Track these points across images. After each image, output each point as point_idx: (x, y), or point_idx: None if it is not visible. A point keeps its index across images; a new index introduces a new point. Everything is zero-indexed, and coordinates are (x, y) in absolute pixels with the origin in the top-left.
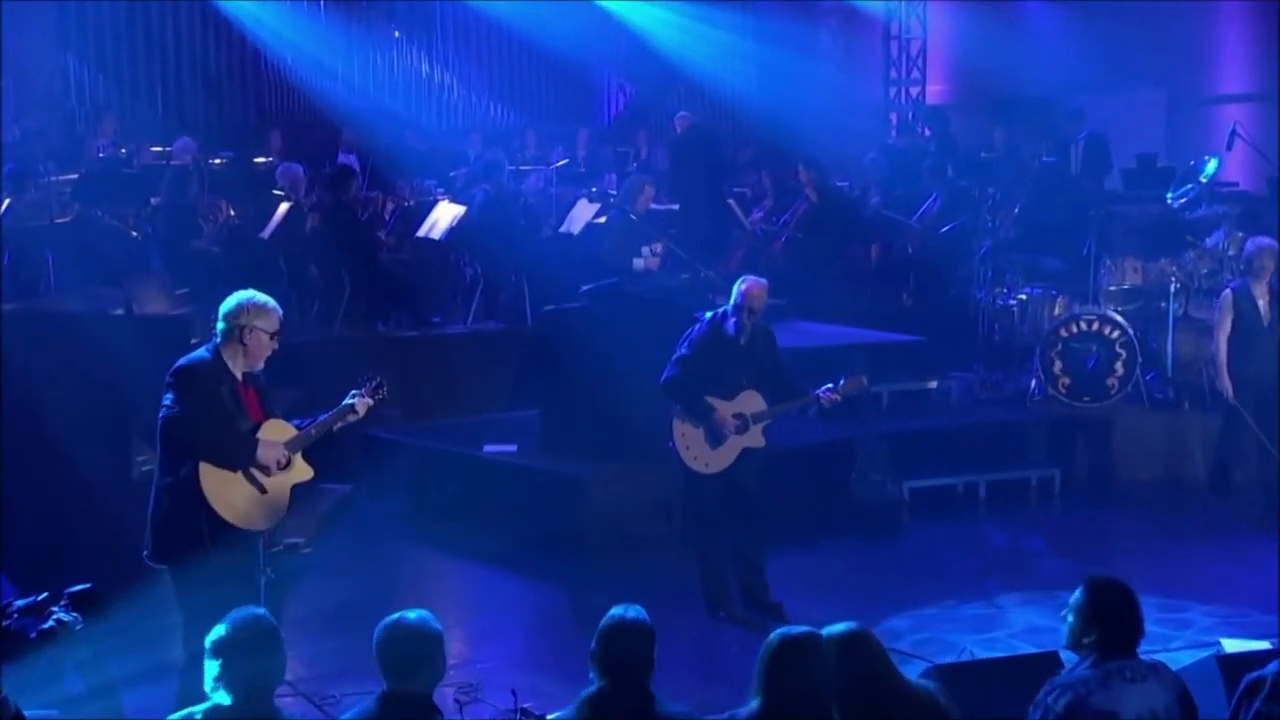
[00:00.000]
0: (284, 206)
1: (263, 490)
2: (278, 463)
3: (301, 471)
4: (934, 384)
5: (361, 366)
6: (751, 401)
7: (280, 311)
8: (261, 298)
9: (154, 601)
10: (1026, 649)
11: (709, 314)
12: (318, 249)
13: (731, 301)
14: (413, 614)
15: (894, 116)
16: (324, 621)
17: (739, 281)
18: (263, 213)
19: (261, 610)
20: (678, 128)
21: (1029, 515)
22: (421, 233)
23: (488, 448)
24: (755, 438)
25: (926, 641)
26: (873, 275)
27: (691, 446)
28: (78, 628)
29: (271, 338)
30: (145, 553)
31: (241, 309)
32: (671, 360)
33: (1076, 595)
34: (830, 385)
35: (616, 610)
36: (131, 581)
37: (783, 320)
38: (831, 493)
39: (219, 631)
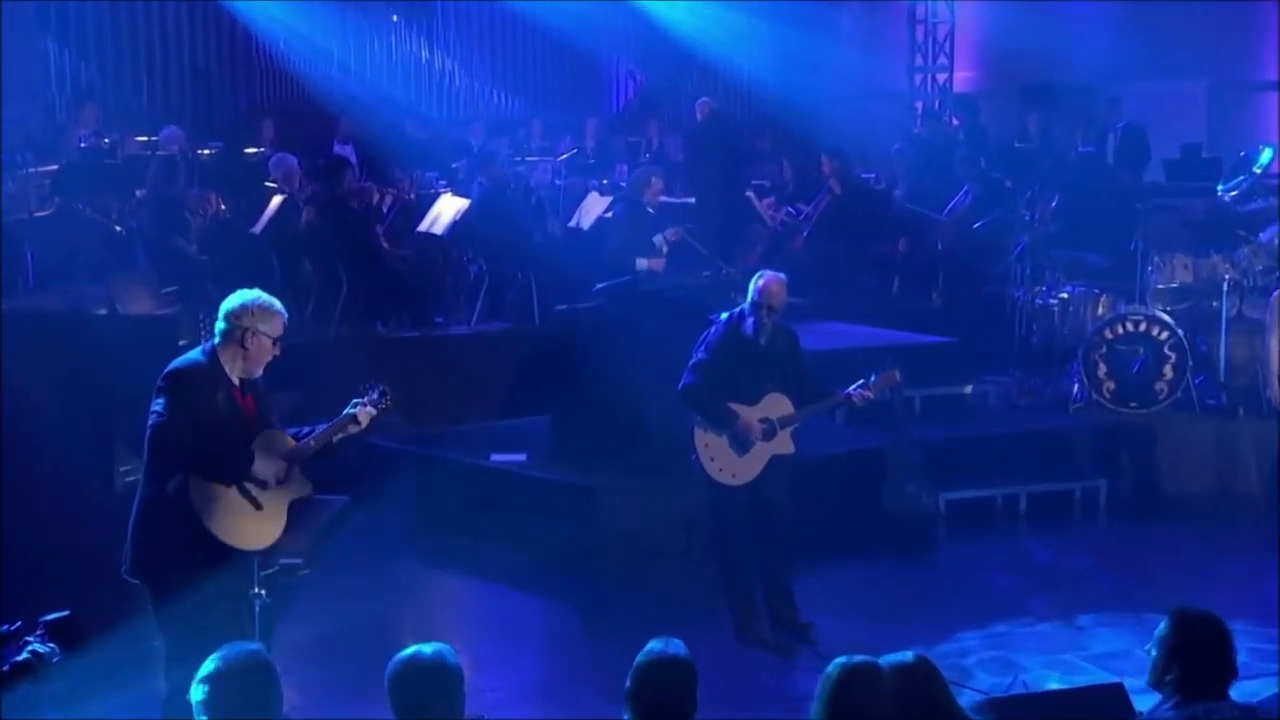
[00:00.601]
0: (277, 200)
1: (258, 506)
2: (275, 477)
3: (300, 487)
4: (969, 389)
5: (359, 369)
6: (777, 405)
7: (286, 315)
8: (267, 298)
9: (137, 627)
10: (1101, 675)
11: (725, 315)
12: (313, 245)
13: (749, 299)
14: (428, 648)
15: (919, 105)
16: (319, 645)
17: (755, 277)
18: (254, 206)
19: (256, 646)
20: (698, 114)
21: (1073, 530)
22: (423, 227)
23: (495, 457)
24: (784, 444)
25: (992, 661)
26: (900, 273)
27: (716, 457)
28: (55, 660)
29: (274, 343)
30: (123, 567)
31: (245, 309)
32: (689, 366)
33: (1161, 627)
34: (861, 382)
35: (655, 645)
36: (113, 604)
37: (804, 320)
38: (862, 505)
39: (208, 669)
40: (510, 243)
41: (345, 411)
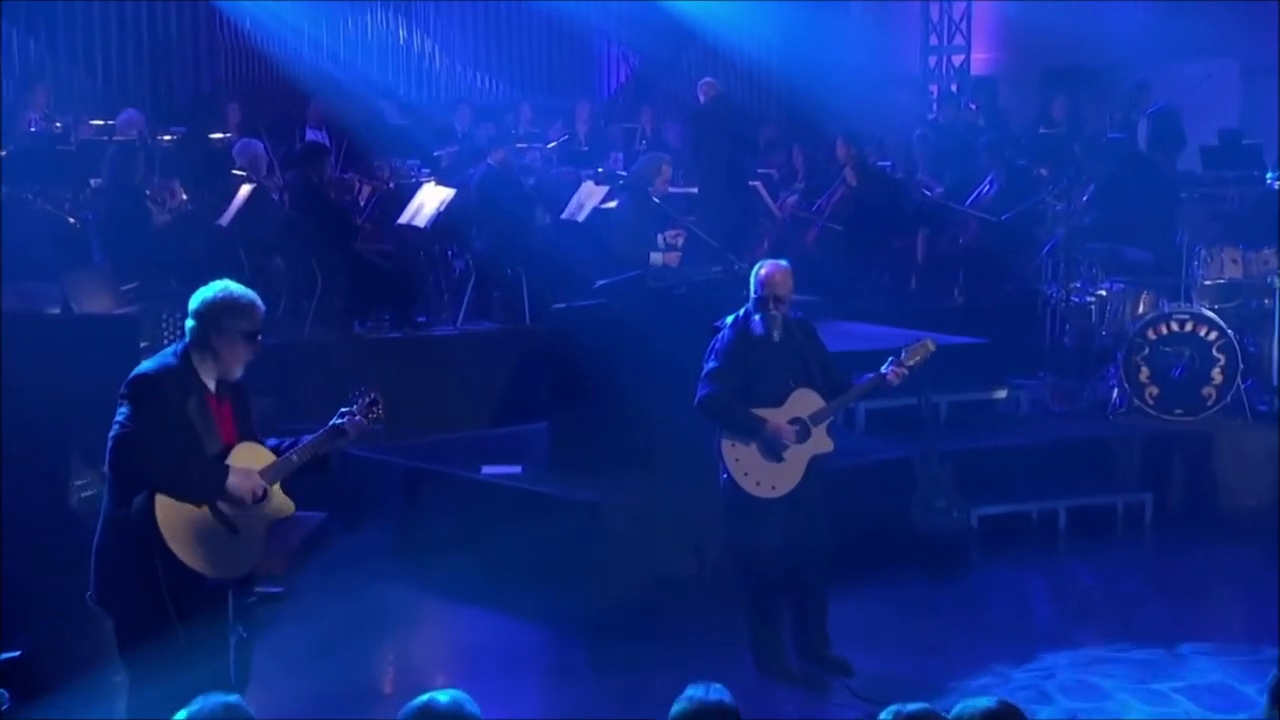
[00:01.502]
0: (245, 189)
1: (233, 528)
2: (253, 495)
3: (280, 506)
4: (1002, 394)
5: (335, 374)
6: (806, 402)
7: (261, 307)
8: (237, 289)
9: (94, 660)
10: (1193, 709)
11: (729, 318)
12: (285, 238)
13: (752, 295)
14: (444, 696)
15: (934, 88)
16: (295, 677)
17: (756, 268)
18: (220, 196)
19: (234, 699)
20: (701, 96)
21: (1117, 549)
22: (404, 220)
23: (486, 469)
24: (821, 441)
25: (1076, 685)
26: (919, 269)
27: (751, 470)
28: (4, 707)
29: (249, 340)
30: (89, 593)
31: (211, 303)
32: (702, 377)
33: (1272, 679)
34: (892, 359)
35: (695, 691)
36: (67, 632)
37: (817, 319)
38: (887, 522)
39: None
40: (500, 236)
41: (331, 422)
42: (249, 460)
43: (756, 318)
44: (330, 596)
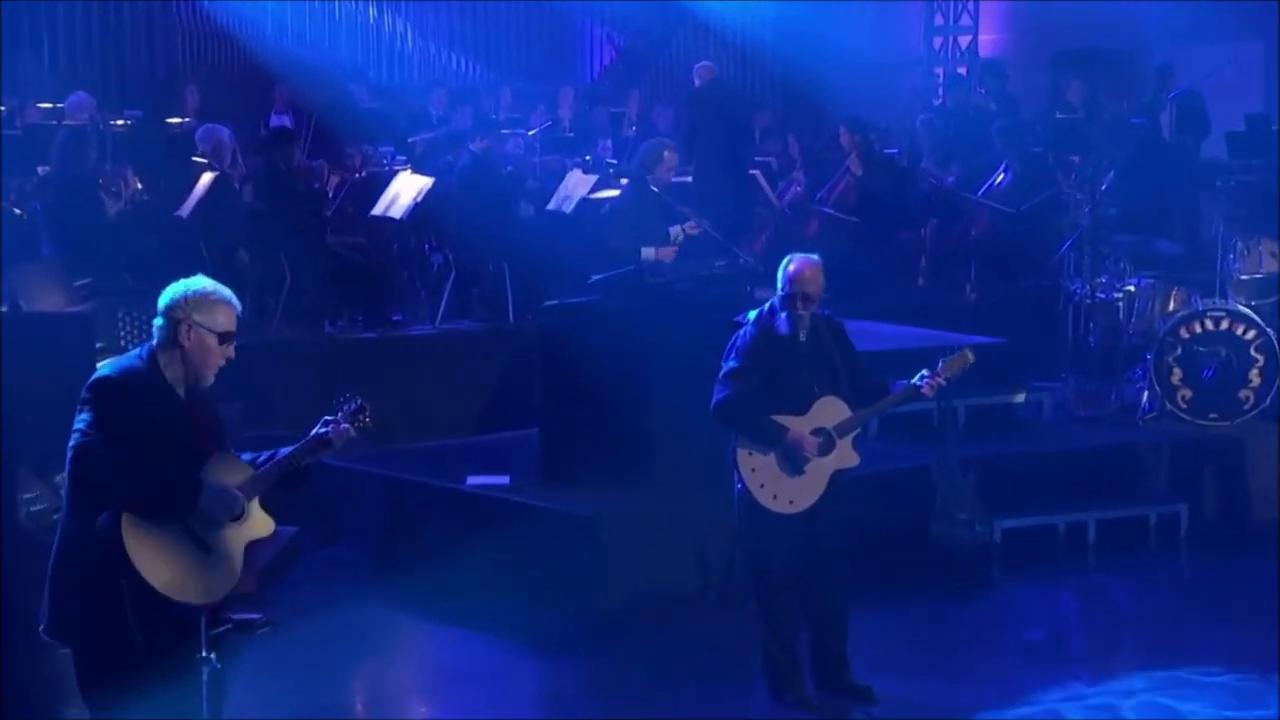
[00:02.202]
0: (207, 177)
1: (207, 549)
2: (229, 511)
3: (259, 525)
4: (1022, 397)
5: (304, 376)
6: (831, 411)
7: (237, 306)
8: (210, 285)
9: (50, 696)
10: None
11: (752, 314)
12: (250, 230)
13: (778, 291)
14: None
15: (940, 71)
16: (271, 709)
17: (785, 263)
18: (179, 185)
19: None
20: (697, 79)
21: (1150, 564)
22: (378, 211)
23: (472, 479)
24: (846, 455)
25: (1146, 705)
26: (927, 263)
27: (767, 483)
28: None
29: (222, 341)
30: (41, 625)
31: (180, 300)
32: (720, 379)
33: None
34: (926, 371)
35: None
36: (16, 665)
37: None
38: (905, 536)
39: None
40: (481, 229)
41: (314, 431)
42: (224, 473)
43: (782, 316)
44: (305, 618)
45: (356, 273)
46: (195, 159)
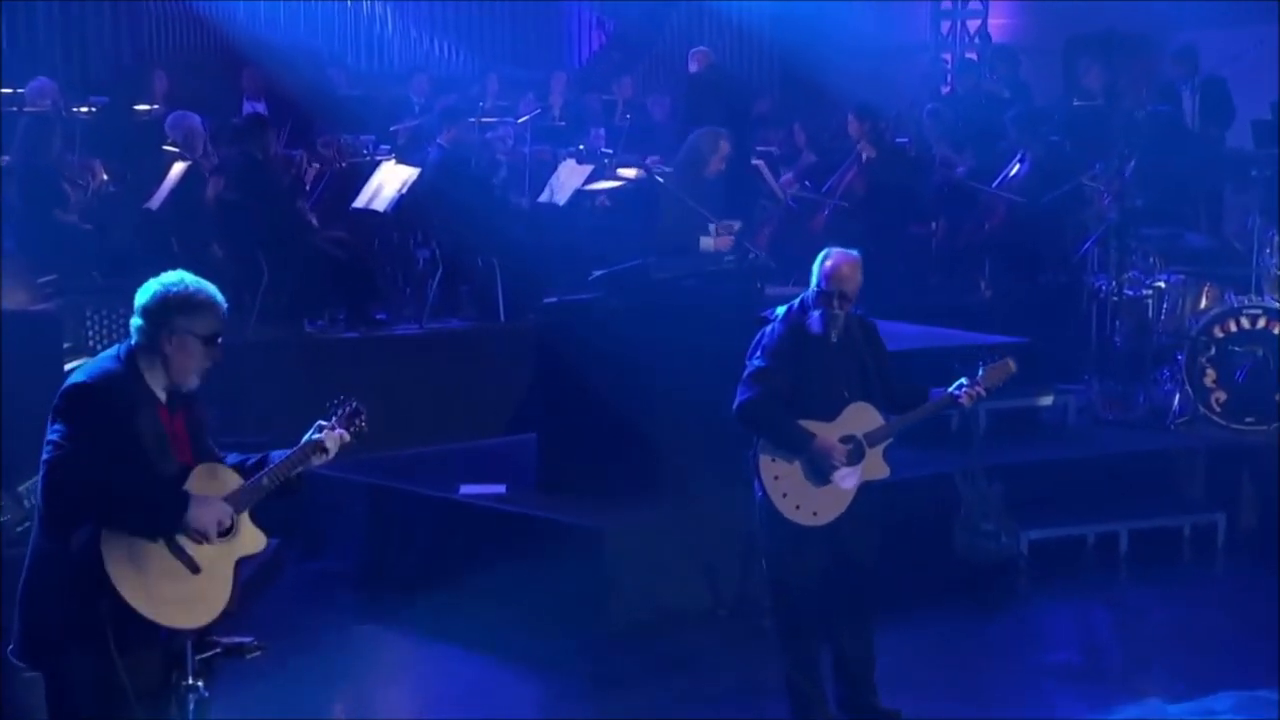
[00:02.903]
0: (179, 167)
1: (194, 568)
2: (217, 526)
3: (249, 540)
4: (1048, 400)
5: (283, 378)
6: (862, 418)
7: (223, 305)
8: (194, 284)
9: None
10: None
11: (780, 310)
12: (225, 223)
13: (812, 286)
14: None
15: (948, 57)
16: None
17: (821, 258)
18: (147, 176)
19: None
20: (692, 65)
21: (1186, 577)
22: (360, 203)
23: (465, 488)
24: (876, 466)
25: None
26: (938, 258)
27: (790, 492)
28: None
29: (208, 344)
30: (10, 647)
31: (162, 300)
32: (744, 378)
33: None
34: (965, 381)
35: None
36: None
37: None
38: (927, 548)
39: None
40: (470, 222)
41: (307, 437)
42: (211, 485)
43: (815, 314)
44: (286, 638)
45: (338, 269)
46: (165, 148)
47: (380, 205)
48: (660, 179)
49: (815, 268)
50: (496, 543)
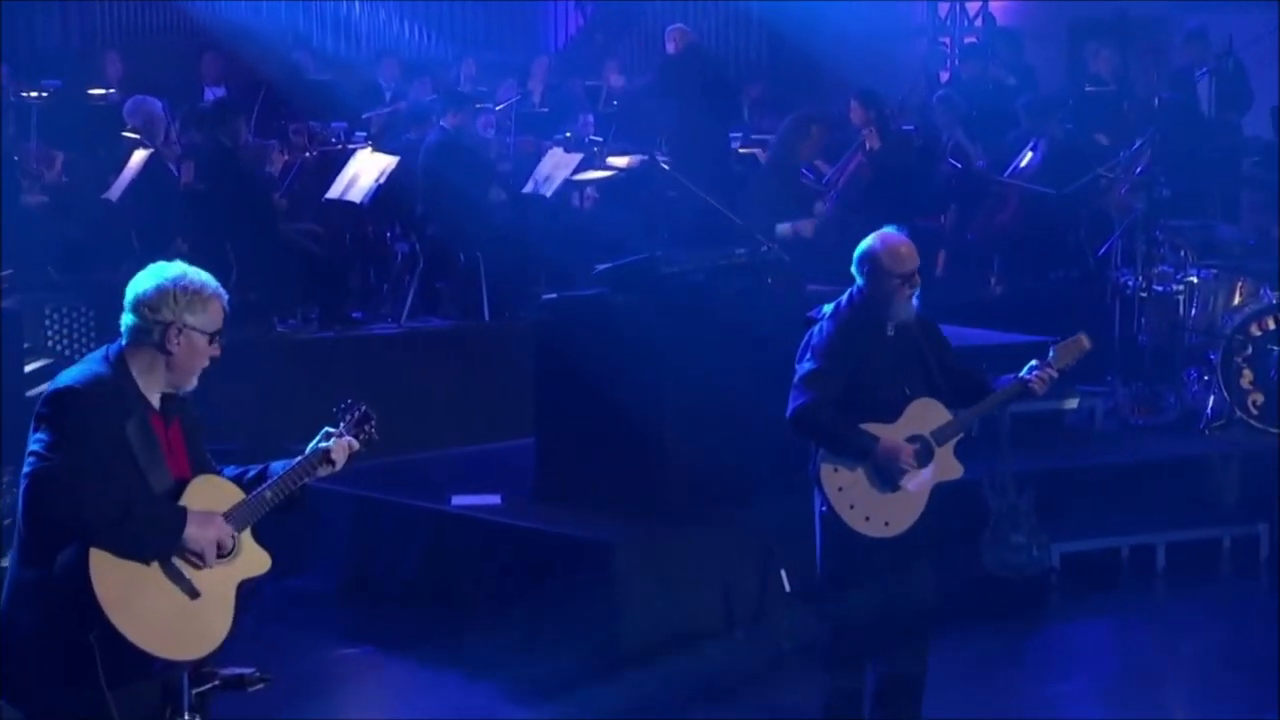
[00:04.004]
0: (139, 155)
1: (193, 593)
2: (217, 546)
3: (252, 561)
4: (1074, 403)
5: (253, 381)
6: (927, 414)
7: (225, 296)
8: (194, 277)
9: None
10: None
11: (827, 308)
12: (190, 216)
13: (859, 276)
14: None
15: (947, 41)
16: None
17: (870, 241)
18: (105, 165)
19: None
20: (669, 45)
21: (1229, 591)
22: (334, 194)
23: (457, 499)
24: (948, 466)
25: None
26: (947, 252)
27: (858, 503)
28: None
29: (211, 340)
30: None
31: (166, 295)
32: (796, 383)
33: None
34: (1036, 363)
35: None
36: None
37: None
38: (954, 561)
39: None
40: (452, 214)
41: (313, 445)
42: (210, 500)
43: (899, 302)
44: (272, 659)
45: (311, 264)
46: (126, 134)
47: (356, 196)
48: (665, 166)
49: (863, 253)
50: (494, 558)
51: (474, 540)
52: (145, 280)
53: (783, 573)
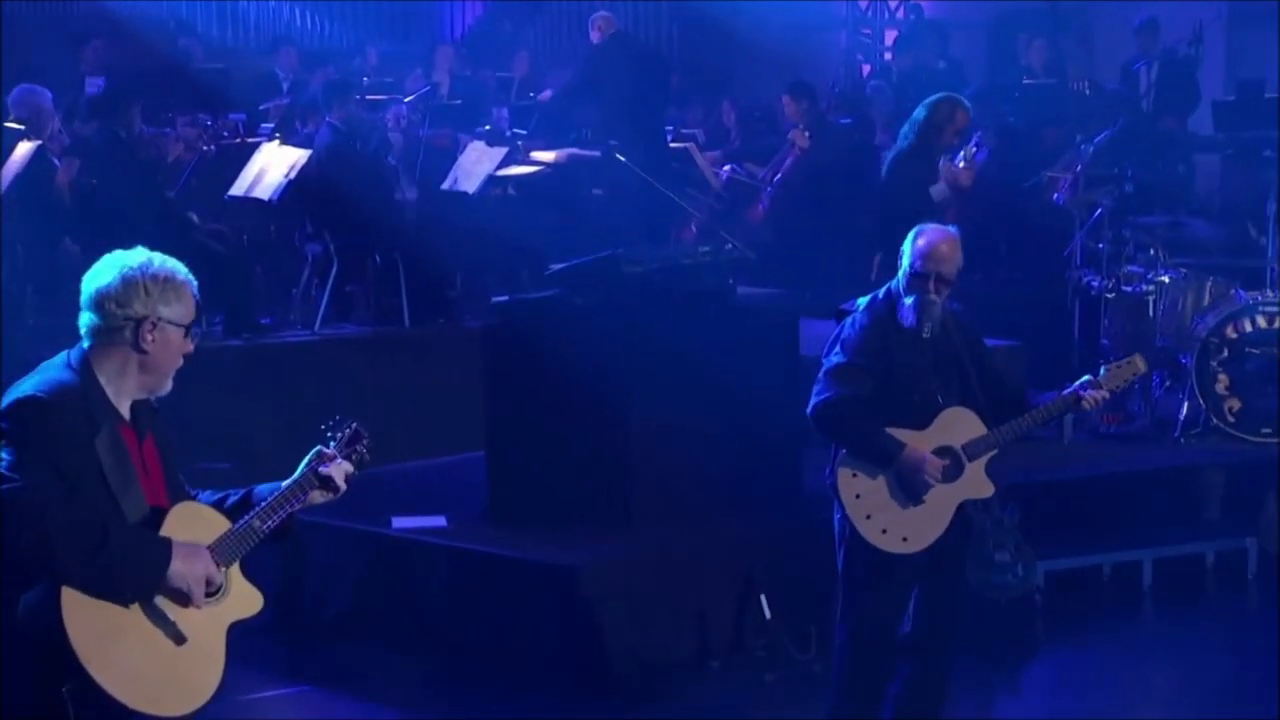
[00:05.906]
0: (24, 147)
1: (178, 638)
2: (204, 582)
3: (243, 601)
4: None
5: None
6: (959, 425)
7: (195, 284)
8: (160, 265)
9: None
10: None
11: (862, 301)
12: (79, 214)
13: (903, 271)
14: None
15: (869, 32)
16: None
17: (912, 236)
18: None
19: None
20: (594, 34)
21: (1215, 611)
22: (238, 190)
23: (399, 521)
24: (977, 483)
25: None
26: (885, 253)
27: (875, 514)
28: None
29: (186, 334)
30: None
31: (135, 286)
32: (821, 375)
33: None
34: (1088, 378)
35: None
36: None
37: (772, 316)
38: None
39: None
40: (365, 212)
41: (305, 467)
42: (192, 530)
43: (908, 302)
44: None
45: (215, 266)
46: (9, 125)
47: (264, 193)
48: (621, 158)
49: (906, 248)
50: (442, 586)
51: (419, 566)
52: (105, 272)
53: (763, 598)
